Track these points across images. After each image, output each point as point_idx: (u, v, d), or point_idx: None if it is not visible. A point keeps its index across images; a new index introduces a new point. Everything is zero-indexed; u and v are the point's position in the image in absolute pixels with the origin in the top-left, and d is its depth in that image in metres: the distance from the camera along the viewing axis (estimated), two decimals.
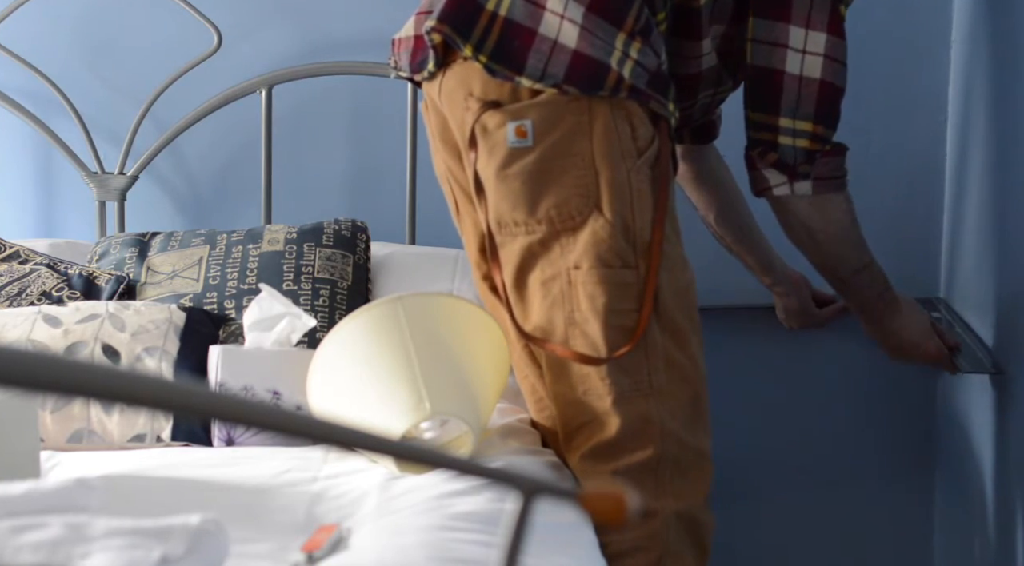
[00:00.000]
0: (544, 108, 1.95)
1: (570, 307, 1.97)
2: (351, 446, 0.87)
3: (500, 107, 1.96)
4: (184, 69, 2.70)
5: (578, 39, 1.93)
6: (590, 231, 1.95)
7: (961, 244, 2.59)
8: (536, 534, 1.01)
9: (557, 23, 1.94)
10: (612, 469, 1.99)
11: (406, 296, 2.03)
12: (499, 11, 1.96)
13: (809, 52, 2.05)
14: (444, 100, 2.04)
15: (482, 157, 1.98)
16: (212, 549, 1.25)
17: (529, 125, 1.95)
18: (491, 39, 1.95)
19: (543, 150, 1.95)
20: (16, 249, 2.45)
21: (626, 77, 1.93)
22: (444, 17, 1.97)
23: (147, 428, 2.09)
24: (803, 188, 2.13)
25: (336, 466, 1.88)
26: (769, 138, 2.11)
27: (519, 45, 1.94)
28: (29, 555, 1.20)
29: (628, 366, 1.98)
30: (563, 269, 1.97)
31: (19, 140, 2.82)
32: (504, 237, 2.00)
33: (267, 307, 2.09)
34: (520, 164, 1.96)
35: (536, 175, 1.96)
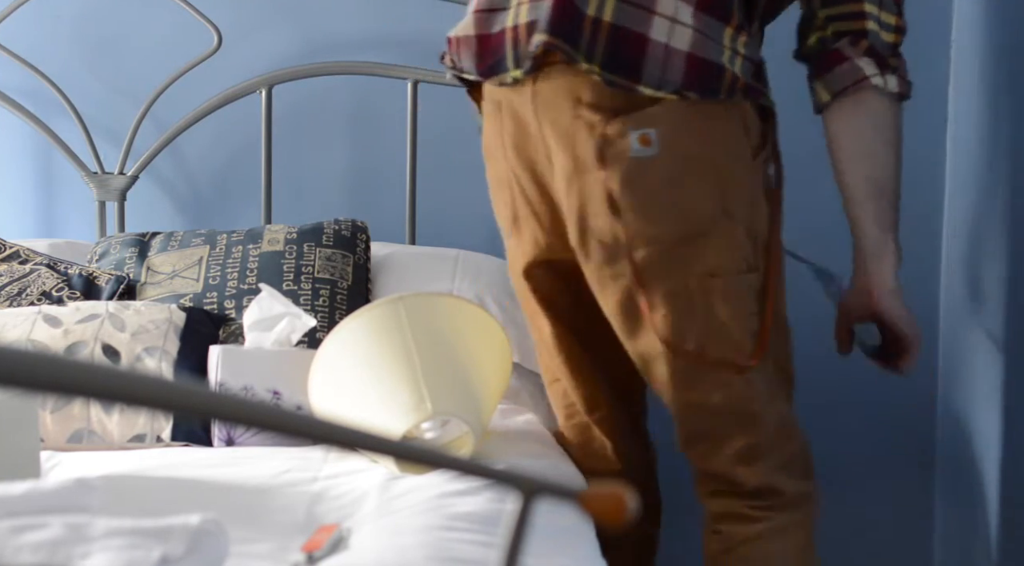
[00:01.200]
0: (666, 115, 1.87)
1: (704, 315, 1.92)
2: (351, 446, 0.87)
3: (619, 116, 1.87)
4: (184, 69, 2.70)
5: (691, 41, 1.86)
6: (720, 238, 1.91)
7: (961, 244, 2.59)
8: (537, 534, 1.01)
9: (667, 26, 1.86)
10: (775, 464, 2.00)
11: (407, 296, 2.03)
12: (603, 16, 1.86)
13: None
14: (540, 107, 1.93)
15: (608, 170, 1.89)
16: (212, 549, 1.25)
17: (653, 134, 1.87)
18: (600, 47, 1.86)
19: (669, 158, 1.88)
20: (16, 249, 2.45)
21: (739, 76, 1.88)
22: (555, 29, 1.87)
23: (147, 428, 2.09)
24: (892, 83, 1.97)
25: (336, 466, 1.88)
26: (857, 27, 1.97)
27: (632, 52, 1.85)
28: (29, 555, 1.20)
29: (761, 368, 1.97)
30: (695, 277, 1.91)
31: (19, 140, 2.82)
32: (621, 252, 1.92)
33: (267, 307, 2.09)
34: (646, 175, 1.88)
35: (663, 184, 1.89)
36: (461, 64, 2.02)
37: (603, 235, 1.92)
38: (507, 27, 1.94)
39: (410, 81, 2.69)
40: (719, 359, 1.94)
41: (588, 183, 1.90)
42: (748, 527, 2.01)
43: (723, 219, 1.91)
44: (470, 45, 1.99)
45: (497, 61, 1.96)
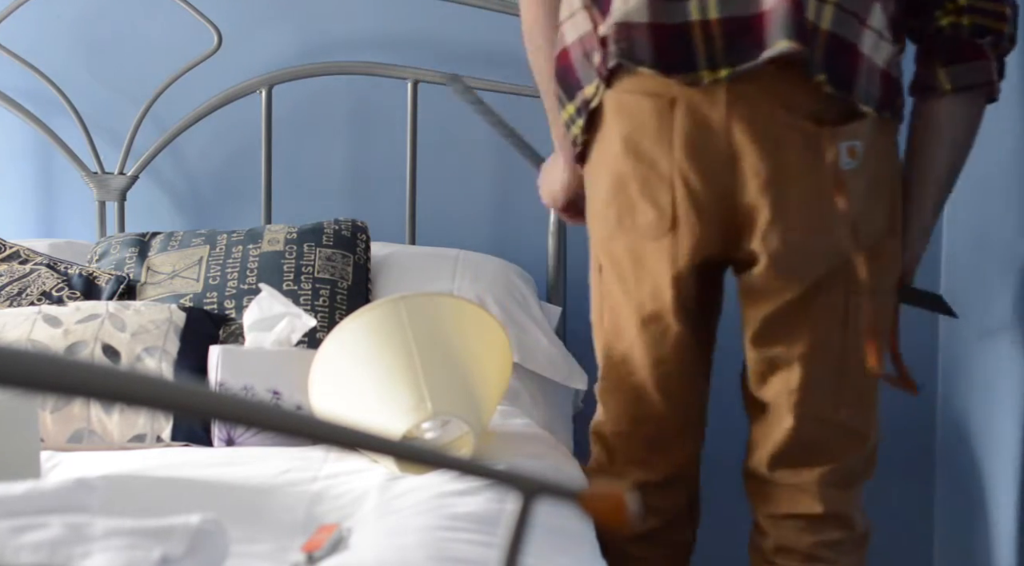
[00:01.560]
0: (866, 129, 1.82)
1: (855, 328, 1.89)
2: (352, 446, 0.87)
3: (834, 126, 1.81)
4: (184, 69, 2.70)
5: (887, 59, 1.83)
6: (888, 255, 1.90)
7: (961, 243, 2.59)
8: (536, 534, 1.01)
9: (874, 40, 1.81)
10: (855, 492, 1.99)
11: (409, 296, 2.03)
12: (820, 24, 1.78)
13: None
14: (737, 111, 1.81)
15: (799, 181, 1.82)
16: (212, 549, 1.25)
17: (859, 146, 1.82)
18: (818, 55, 1.79)
19: (867, 172, 1.84)
20: (16, 249, 2.45)
21: (904, 95, 1.88)
22: (799, 35, 1.76)
23: (147, 428, 2.09)
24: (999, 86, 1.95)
25: (336, 466, 1.88)
26: (997, 28, 1.91)
27: (848, 63, 1.80)
28: (29, 555, 1.20)
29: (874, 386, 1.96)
30: (852, 292, 1.88)
31: (19, 140, 2.82)
32: (800, 266, 1.87)
33: (267, 307, 2.09)
34: (850, 187, 1.83)
35: (858, 197, 1.84)
36: (634, 53, 1.82)
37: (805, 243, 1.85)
38: (693, 20, 1.80)
39: (410, 81, 2.69)
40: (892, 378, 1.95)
41: (797, 193, 1.82)
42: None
43: (890, 236, 1.90)
44: (643, 34, 1.82)
45: (683, 58, 1.81)
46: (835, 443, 1.96)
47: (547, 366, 2.43)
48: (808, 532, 1.98)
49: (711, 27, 1.80)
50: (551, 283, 2.71)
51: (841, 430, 1.96)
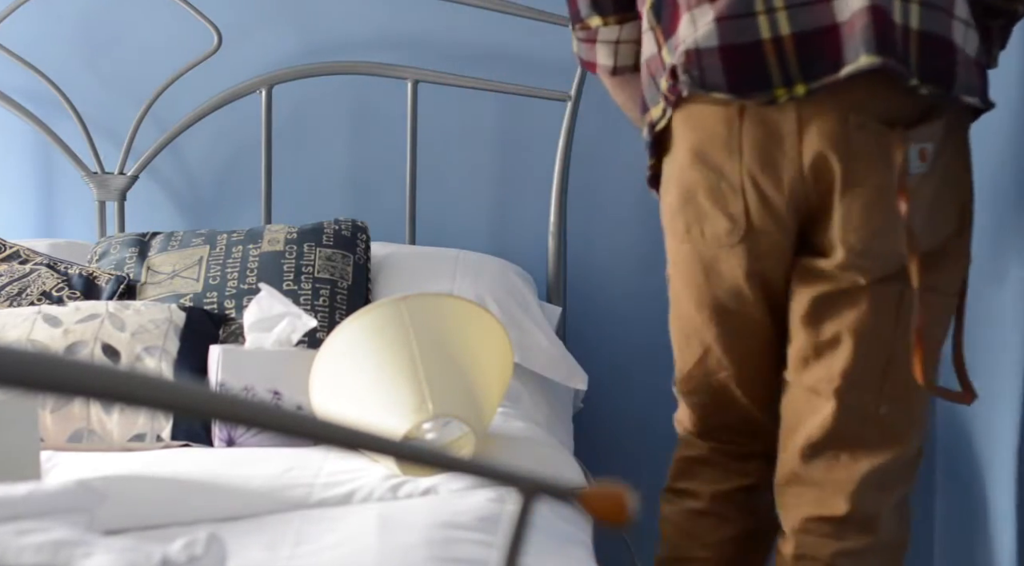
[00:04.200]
0: (942, 127, 1.78)
1: (907, 323, 1.84)
2: (352, 446, 0.87)
3: (904, 129, 1.76)
4: (184, 69, 2.70)
5: (977, 47, 1.79)
6: (953, 256, 1.86)
7: None
8: (535, 535, 1.01)
9: (963, 30, 1.77)
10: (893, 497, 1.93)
11: (410, 296, 2.03)
12: (910, 23, 1.74)
13: None
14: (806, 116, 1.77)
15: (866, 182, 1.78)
16: (213, 555, 1.25)
17: (931, 148, 1.77)
18: (913, 56, 1.74)
19: (936, 175, 1.80)
20: (16, 249, 2.45)
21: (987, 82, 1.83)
22: (884, 48, 1.72)
23: (147, 428, 2.09)
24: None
25: (336, 466, 1.88)
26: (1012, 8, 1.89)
27: (943, 59, 1.75)
28: (31, 556, 1.20)
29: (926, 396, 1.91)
30: (908, 287, 1.82)
31: (19, 140, 2.82)
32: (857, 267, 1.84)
33: (267, 307, 2.09)
34: (921, 190, 1.78)
35: (931, 200, 1.80)
36: (707, 79, 1.80)
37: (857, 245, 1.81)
38: (764, 38, 1.77)
39: (410, 81, 2.69)
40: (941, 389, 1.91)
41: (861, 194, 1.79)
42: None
43: (957, 237, 1.86)
44: (715, 59, 1.79)
45: (757, 78, 1.78)
46: (873, 439, 1.89)
47: (547, 366, 2.43)
48: (831, 538, 1.92)
49: (783, 43, 1.76)
50: (551, 283, 2.71)
51: (880, 426, 1.88)
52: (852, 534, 1.91)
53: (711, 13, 1.78)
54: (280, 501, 1.78)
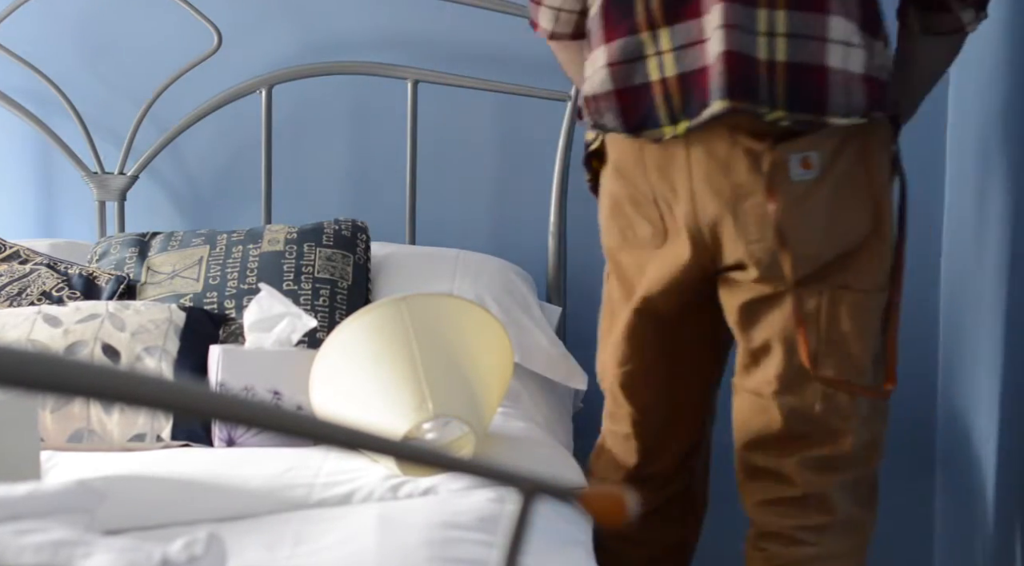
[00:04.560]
0: (824, 137, 1.87)
1: (826, 324, 1.93)
2: (352, 446, 0.87)
3: (780, 141, 1.87)
4: (184, 69, 2.70)
5: (864, 62, 1.85)
6: (867, 256, 1.93)
7: (962, 243, 2.59)
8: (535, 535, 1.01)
9: (843, 51, 1.84)
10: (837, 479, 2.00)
11: (410, 296, 2.03)
12: (776, 57, 1.84)
13: None
14: (697, 154, 1.89)
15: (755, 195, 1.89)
16: (213, 555, 1.25)
17: (815, 156, 1.87)
18: (779, 90, 1.84)
19: (831, 180, 1.89)
20: (16, 249, 2.45)
21: (890, 89, 1.90)
22: (734, 92, 1.83)
23: (147, 428, 2.09)
24: (983, 20, 2.03)
25: (336, 466, 1.88)
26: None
27: (814, 85, 1.84)
28: (31, 556, 1.20)
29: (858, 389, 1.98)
30: (829, 288, 1.93)
31: (19, 140, 2.82)
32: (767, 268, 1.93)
33: (267, 307, 2.09)
34: (808, 197, 1.88)
35: (824, 206, 1.89)
36: (603, 121, 1.95)
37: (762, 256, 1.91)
38: (652, 81, 1.90)
39: (410, 81, 2.69)
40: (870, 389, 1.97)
41: (750, 208, 1.89)
42: (795, 549, 2.01)
43: (873, 238, 1.93)
44: (610, 102, 1.93)
45: (646, 117, 1.91)
46: (815, 435, 1.98)
47: (547, 366, 2.43)
48: (789, 516, 2.01)
49: (668, 85, 1.89)
50: (551, 283, 2.71)
51: (819, 423, 1.98)
52: (811, 513, 2.00)
53: (603, 58, 1.93)
54: (280, 501, 1.78)
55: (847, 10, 1.85)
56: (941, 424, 2.74)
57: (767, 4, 1.84)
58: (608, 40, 1.92)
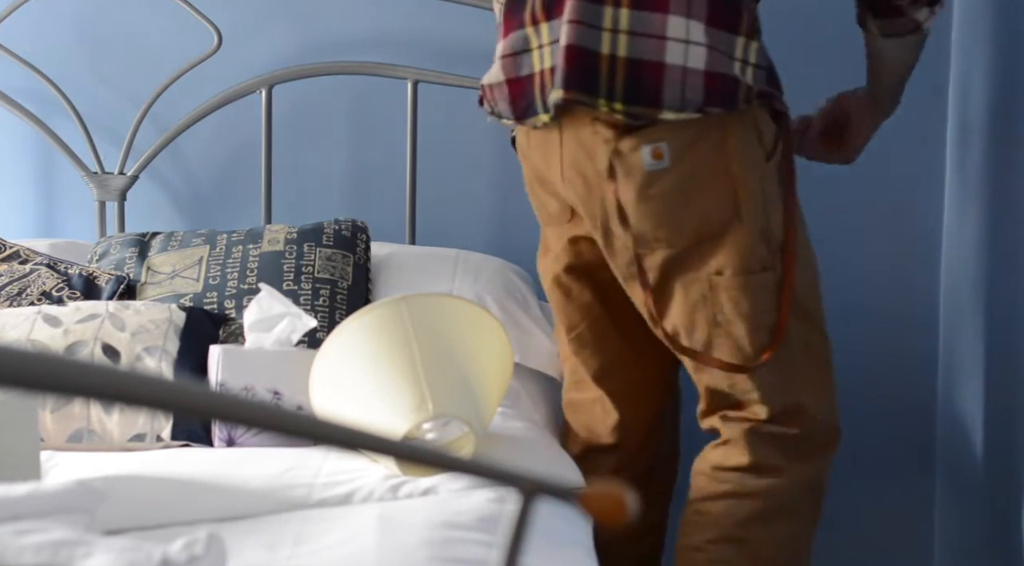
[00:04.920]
0: (677, 128, 1.96)
1: (712, 310, 2.03)
2: (352, 446, 0.87)
3: (633, 131, 1.97)
4: (184, 69, 2.70)
5: (707, 59, 1.94)
6: (731, 239, 2.00)
7: (961, 244, 2.59)
8: (535, 535, 1.01)
9: (682, 49, 1.94)
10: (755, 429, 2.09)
11: (410, 296, 2.03)
12: (617, 53, 1.95)
13: None
14: (568, 141, 2.03)
15: (619, 182, 2.00)
16: (214, 556, 1.25)
17: (665, 147, 1.97)
18: (619, 83, 1.95)
19: (681, 169, 1.98)
20: (16, 249, 2.45)
21: (752, 85, 1.97)
22: (569, 83, 1.96)
23: (147, 428, 2.09)
24: (939, 7, 2.12)
25: (336, 466, 1.88)
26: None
27: (650, 80, 1.94)
28: (31, 556, 1.20)
29: (775, 362, 2.06)
30: (705, 275, 2.02)
31: (19, 140, 2.82)
32: (644, 250, 2.04)
33: (267, 307, 2.09)
34: (660, 185, 1.98)
35: (677, 194, 1.99)
36: (498, 110, 2.11)
37: (618, 241, 2.03)
38: (535, 72, 2.03)
39: (410, 81, 2.69)
40: (725, 362, 2.05)
41: (605, 193, 2.01)
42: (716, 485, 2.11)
43: (735, 222, 1.99)
44: (503, 92, 2.08)
45: (528, 105, 2.05)
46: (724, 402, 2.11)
47: (547, 366, 2.43)
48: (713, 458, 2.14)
49: (544, 76, 2.01)
50: None
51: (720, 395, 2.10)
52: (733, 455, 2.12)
53: (500, 51, 2.08)
54: (280, 501, 1.78)
55: (689, 10, 1.94)
56: (941, 424, 2.74)
57: (613, 2, 1.95)
58: (505, 34, 2.07)
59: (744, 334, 2.03)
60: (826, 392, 2.14)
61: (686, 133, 1.96)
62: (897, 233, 2.73)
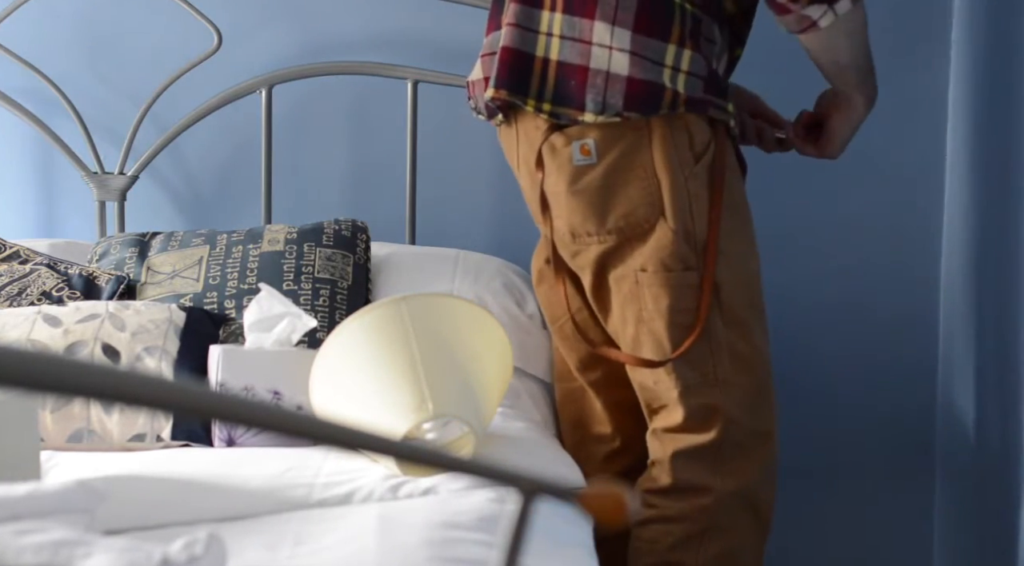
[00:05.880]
0: (605, 127, 2.04)
1: (638, 306, 2.10)
2: (352, 446, 0.87)
3: (564, 128, 2.06)
4: (184, 69, 2.70)
5: (629, 65, 2.01)
6: (655, 237, 2.06)
7: (961, 244, 2.59)
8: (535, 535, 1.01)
9: (607, 54, 2.02)
10: (675, 448, 2.12)
11: (410, 296, 2.03)
12: (550, 55, 2.05)
13: None
14: (520, 136, 2.13)
15: (550, 176, 2.09)
16: (214, 556, 1.25)
17: (592, 143, 2.05)
18: (548, 85, 2.05)
19: (607, 165, 2.05)
20: (16, 249, 2.45)
21: (681, 91, 2.01)
22: (500, 83, 2.07)
23: (147, 428, 2.09)
24: (843, 7, 2.06)
25: (336, 466, 1.88)
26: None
27: (575, 84, 2.03)
28: (31, 556, 1.20)
29: (694, 360, 2.09)
30: (631, 271, 2.09)
31: (19, 140, 2.82)
32: (579, 246, 2.11)
33: (267, 307, 2.09)
34: (587, 180, 2.06)
35: (602, 189, 2.06)
36: (477, 105, 2.21)
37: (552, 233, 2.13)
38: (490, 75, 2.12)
39: (410, 81, 2.69)
40: (637, 358, 2.10)
41: (535, 183, 2.11)
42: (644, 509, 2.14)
43: (659, 220, 2.05)
44: (481, 88, 2.17)
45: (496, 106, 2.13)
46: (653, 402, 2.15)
47: (547, 366, 2.43)
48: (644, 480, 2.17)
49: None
50: None
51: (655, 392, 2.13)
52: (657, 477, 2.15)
53: (483, 49, 2.18)
54: (280, 501, 1.78)
55: (615, 17, 2.01)
56: (941, 424, 2.74)
57: (549, 7, 2.05)
58: (487, 33, 2.18)
59: (664, 330, 2.07)
60: (749, 397, 2.13)
61: (612, 131, 2.03)
62: (897, 233, 2.73)
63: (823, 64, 2.17)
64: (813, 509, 2.80)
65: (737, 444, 2.12)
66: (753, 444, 2.14)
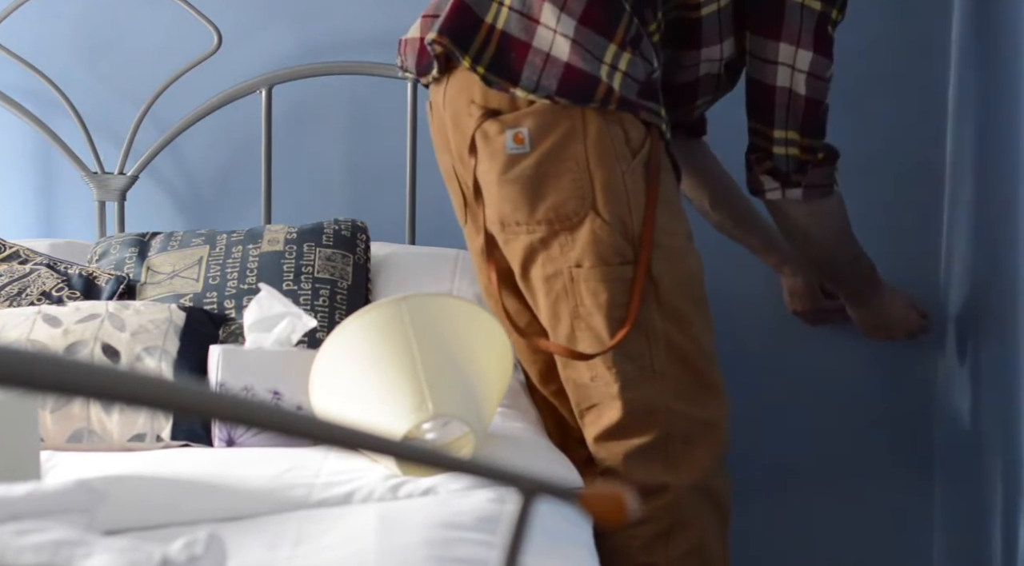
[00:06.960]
0: (539, 116, 2.06)
1: (574, 302, 2.10)
2: (352, 446, 0.87)
3: (499, 116, 2.07)
4: (184, 69, 2.70)
5: (570, 52, 2.04)
6: (588, 231, 2.07)
7: (960, 244, 2.60)
8: (535, 535, 1.01)
9: (550, 37, 2.05)
10: (623, 450, 2.12)
11: (410, 296, 2.03)
12: (497, 24, 2.07)
13: (797, 69, 2.17)
14: (447, 105, 2.14)
15: (483, 162, 2.10)
16: (214, 556, 1.25)
17: (526, 132, 2.06)
18: (489, 51, 2.07)
19: (540, 155, 2.07)
20: (16, 249, 2.45)
21: (616, 89, 2.04)
22: (444, 30, 2.08)
23: (147, 428, 2.09)
24: (794, 194, 2.25)
25: (336, 466, 1.88)
26: (765, 146, 2.23)
27: (515, 57, 2.06)
28: (31, 556, 1.20)
29: (632, 353, 2.10)
30: (564, 267, 2.09)
31: (19, 140, 2.82)
32: (508, 235, 2.12)
33: (267, 307, 2.09)
34: (519, 169, 2.08)
35: (534, 179, 2.08)
36: (407, 63, 2.23)
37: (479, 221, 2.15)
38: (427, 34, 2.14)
39: (410, 81, 2.69)
40: (569, 349, 2.11)
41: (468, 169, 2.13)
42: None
43: (591, 214, 2.06)
44: (414, 47, 2.20)
45: (429, 62, 2.16)
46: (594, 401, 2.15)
47: None
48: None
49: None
50: None
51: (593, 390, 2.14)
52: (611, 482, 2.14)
53: (425, 10, 2.20)
54: (280, 501, 1.78)
55: (564, 4, 2.04)
56: (941, 424, 2.74)
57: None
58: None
59: (603, 325, 2.08)
60: (689, 390, 2.14)
61: (546, 121, 2.06)
62: (897, 232, 2.72)
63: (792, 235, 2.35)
64: (812, 509, 2.80)
65: (685, 437, 2.13)
66: (700, 435, 2.15)
